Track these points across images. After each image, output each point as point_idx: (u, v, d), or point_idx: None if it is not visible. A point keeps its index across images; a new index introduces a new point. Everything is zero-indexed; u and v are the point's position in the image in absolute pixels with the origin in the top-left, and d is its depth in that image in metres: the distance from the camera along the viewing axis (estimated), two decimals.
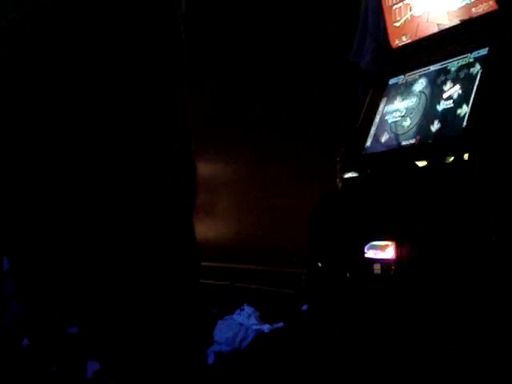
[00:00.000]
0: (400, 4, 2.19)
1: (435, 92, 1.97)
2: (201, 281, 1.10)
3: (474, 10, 1.91)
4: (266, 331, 2.69)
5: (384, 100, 2.21)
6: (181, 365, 1.02)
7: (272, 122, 3.69)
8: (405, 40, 2.19)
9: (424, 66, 2.09)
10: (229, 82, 4.03)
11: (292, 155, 3.51)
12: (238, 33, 3.88)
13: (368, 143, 2.16)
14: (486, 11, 1.87)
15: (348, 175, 2.14)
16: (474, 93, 1.79)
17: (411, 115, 2.02)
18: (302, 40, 3.44)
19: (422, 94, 2.03)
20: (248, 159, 3.94)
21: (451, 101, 1.88)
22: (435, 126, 1.89)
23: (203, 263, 1.09)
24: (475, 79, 1.82)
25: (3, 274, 1.10)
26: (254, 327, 2.71)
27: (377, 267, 1.79)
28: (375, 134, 2.15)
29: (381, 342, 1.77)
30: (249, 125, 3.87)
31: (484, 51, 1.85)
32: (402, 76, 2.18)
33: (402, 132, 2.02)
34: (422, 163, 1.86)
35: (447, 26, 2.02)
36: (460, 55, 1.94)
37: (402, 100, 2.11)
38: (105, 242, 0.97)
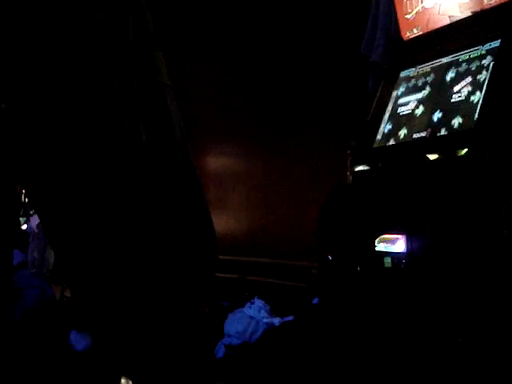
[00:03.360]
0: None
1: (447, 84, 1.96)
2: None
3: (485, 1, 1.90)
4: (276, 324, 2.69)
5: (395, 93, 2.20)
6: (187, 358, 1.02)
7: (282, 115, 3.68)
8: (416, 32, 2.18)
9: (435, 59, 2.07)
10: (239, 77, 4.03)
11: (302, 149, 3.51)
12: (248, 27, 3.88)
13: (379, 136, 2.15)
14: (498, 3, 1.86)
15: (358, 168, 2.13)
16: (485, 85, 1.78)
17: (422, 108, 2.01)
18: (313, 33, 3.43)
19: (434, 87, 2.01)
20: (258, 154, 3.94)
21: (463, 93, 1.86)
22: (447, 119, 1.87)
23: None
24: (487, 71, 1.81)
25: (14, 267, 1.11)
26: (265, 320, 2.71)
27: (387, 260, 1.79)
28: (386, 127, 2.14)
29: (391, 335, 1.77)
30: (259, 119, 3.87)
31: (496, 43, 1.84)
32: (413, 68, 2.17)
33: (413, 125, 2.01)
34: (433, 156, 1.84)
35: (459, 18, 2.01)
36: (472, 47, 1.93)
37: (413, 92, 2.10)
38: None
